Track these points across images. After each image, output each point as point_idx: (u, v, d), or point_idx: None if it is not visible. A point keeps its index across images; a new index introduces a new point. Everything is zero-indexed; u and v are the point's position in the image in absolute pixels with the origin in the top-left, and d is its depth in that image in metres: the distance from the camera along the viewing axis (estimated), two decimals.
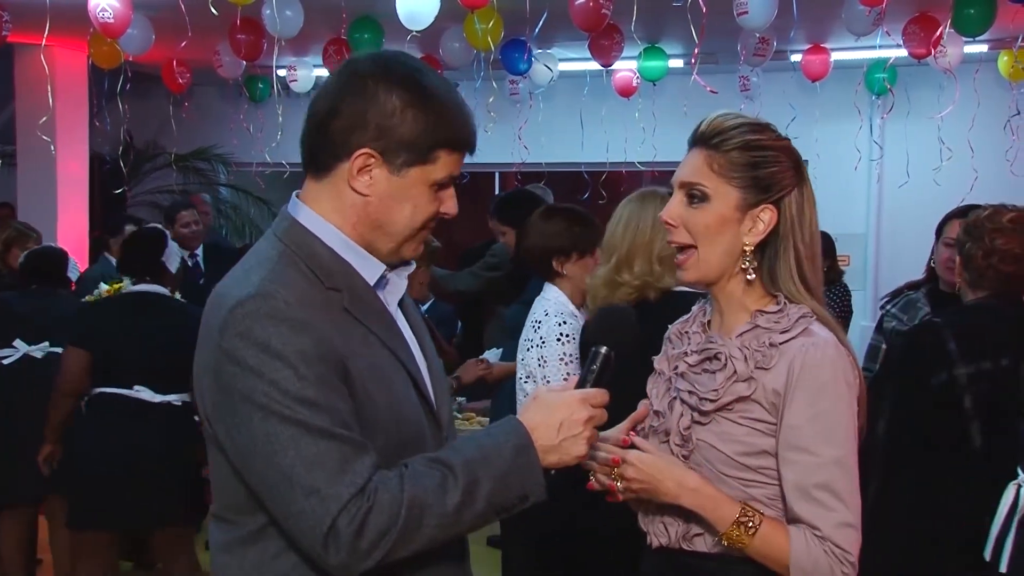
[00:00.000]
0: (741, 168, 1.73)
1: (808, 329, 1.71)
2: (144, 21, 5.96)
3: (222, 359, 1.48)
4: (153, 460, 3.85)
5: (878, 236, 7.93)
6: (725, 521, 1.67)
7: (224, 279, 1.61)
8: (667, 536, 1.78)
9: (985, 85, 6.49)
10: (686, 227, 1.76)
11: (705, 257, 1.76)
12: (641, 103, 7.10)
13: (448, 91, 1.62)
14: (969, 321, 2.79)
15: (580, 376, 1.69)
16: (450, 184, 1.65)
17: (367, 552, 1.43)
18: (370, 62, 1.60)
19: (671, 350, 1.88)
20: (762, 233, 1.74)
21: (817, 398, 1.66)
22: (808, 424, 1.65)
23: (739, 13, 5.15)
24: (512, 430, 1.56)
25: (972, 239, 2.81)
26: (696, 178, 1.75)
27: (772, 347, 1.70)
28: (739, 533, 1.66)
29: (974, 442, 2.65)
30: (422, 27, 5.30)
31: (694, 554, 1.75)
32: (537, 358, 3.18)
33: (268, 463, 1.45)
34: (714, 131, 1.76)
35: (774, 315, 1.73)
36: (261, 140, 7.01)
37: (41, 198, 7.53)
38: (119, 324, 4.00)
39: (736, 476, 1.71)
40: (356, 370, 1.52)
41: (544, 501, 1.56)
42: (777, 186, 1.74)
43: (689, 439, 1.74)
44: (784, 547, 1.64)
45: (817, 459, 1.65)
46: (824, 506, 1.64)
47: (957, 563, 2.67)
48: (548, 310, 3.25)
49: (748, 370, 1.70)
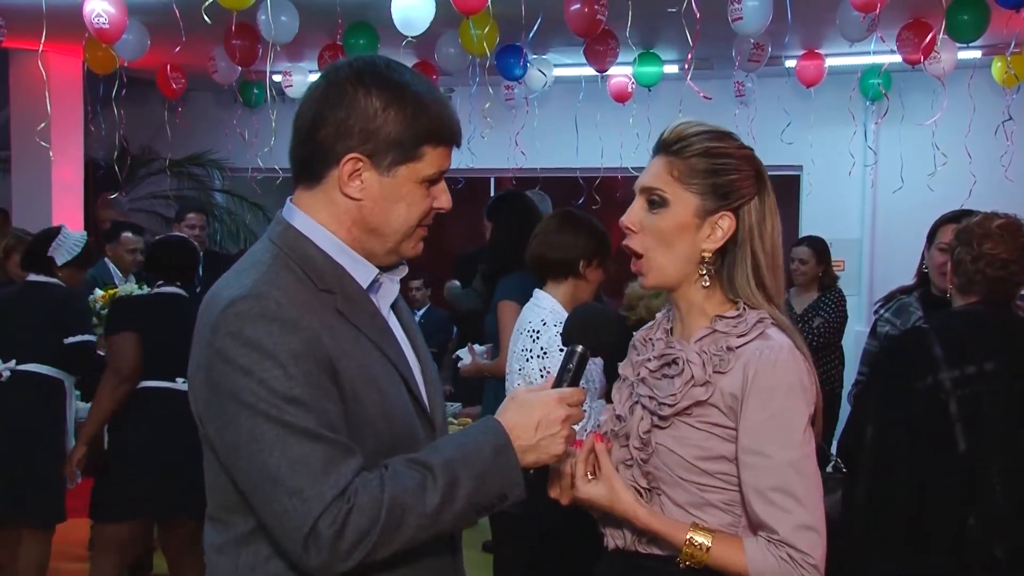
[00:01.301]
0: (700, 174, 1.75)
1: (764, 333, 1.72)
2: (139, 27, 5.97)
3: (214, 358, 1.49)
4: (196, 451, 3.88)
5: (873, 241, 7.95)
6: (678, 542, 1.69)
7: (219, 280, 1.62)
8: (623, 538, 1.80)
9: (980, 91, 6.51)
10: (644, 232, 1.77)
11: (662, 262, 1.77)
12: (636, 109, 7.12)
13: (426, 87, 1.63)
14: (955, 326, 2.81)
15: (556, 375, 1.71)
16: (440, 179, 1.66)
17: (347, 553, 1.44)
18: (346, 68, 1.62)
19: (635, 356, 1.90)
20: (720, 240, 1.76)
21: (770, 401, 1.67)
22: (762, 427, 1.67)
23: (734, 19, 5.16)
24: (491, 430, 1.58)
25: (961, 244, 2.85)
26: (655, 183, 1.76)
27: (729, 351, 1.71)
28: (696, 550, 1.68)
29: (959, 446, 2.66)
30: (417, 32, 5.31)
31: (650, 556, 1.76)
32: (539, 369, 3.18)
33: (253, 462, 1.46)
34: (676, 138, 1.77)
35: (732, 320, 1.75)
36: (256, 145, 7.01)
37: (36, 203, 7.52)
38: (159, 317, 4.10)
39: (693, 481, 1.72)
40: (346, 371, 1.53)
41: (537, 503, 1.57)
42: (736, 194, 1.75)
43: (648, 443, 1.75)
44: (740, 559, 1.66)
45: (771, 461, 1.66)
46: (781, 508, 1.65)
47: (943, 565, 2.68)
48: (546, 319, 3.24)
49: (705, 375, 1.71)
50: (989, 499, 2.65)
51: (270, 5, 5.32)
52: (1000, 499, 2.64)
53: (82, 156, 7.86)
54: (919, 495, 2.70)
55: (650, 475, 1.75)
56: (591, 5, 5.21)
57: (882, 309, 3.87)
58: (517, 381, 3.28)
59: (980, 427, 2.66)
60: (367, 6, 5.76)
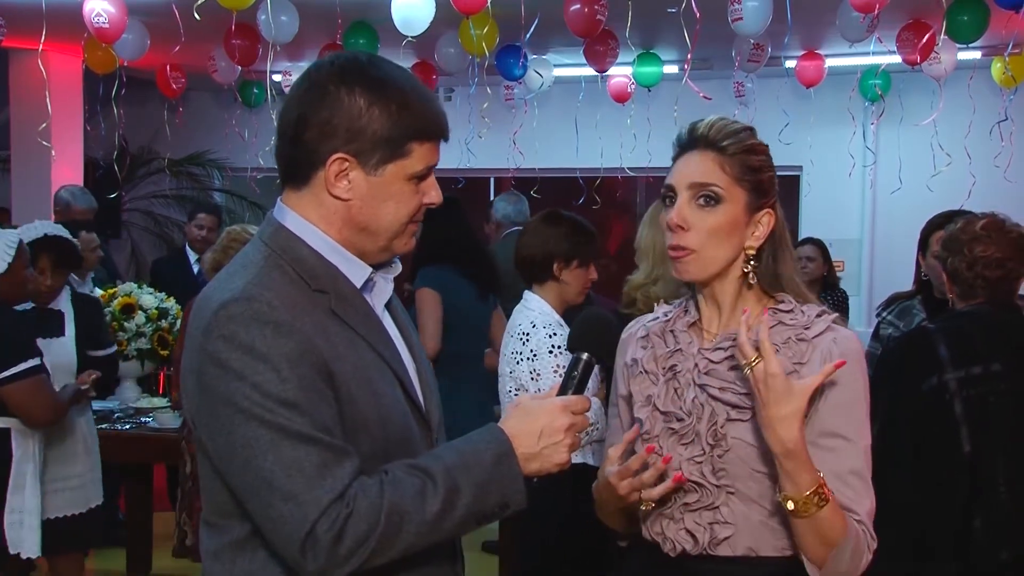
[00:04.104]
0: (750, 171, 1.75)
1: (831, 326, 1.75)
2: (139, 26, 5.97)
3: (206, 362, 1.47)
4: None
5: (872, 241, 7.95)
6: (804, 487, 1.62)
7: (211, 282, 1.61)
8: (692, 541, 1.74)
9: (979, 92, 6.51)
10: (695, 229, 1.74)
11: (709, 258, 1.75)
12: (636, 109, 7.11)
13: (410, 83, 1.61)
14: (960, 326, 2.80)
15: (561, 383, 1.69)
16: (429, 174, 1.63)
17: (345, 558, 1.42)
18: (328, 67, 1.59)
19: (657, 349, 1.85)
20: (763, 237, 1.76)
21: (849, 388, 1.70)
22: (844, 412, 1.69)
23: (734, 19, 5.16)
24: (493, 438, 1.56)
25: (952, 253, 2.83)
26: (710, 179, 1.74)
27: (802, 342, 1.72)
28: (812, 503, 1.62)
29: (964, 447, 2.65)
30: (417, 33, 5.31)
31: (717, 559, 1.73)
32: (529, 371, 3.18)
33: (247, 467, 1.44)
34: (719, 134, 1.76)
35: (790, 314, 1.76)
36: (255, 145, 7.01)
37: (36, 203, 7.50)
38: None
39: (768, 472, 1.69)
40: (341, 373, 1.51)
41: (544, 510, 1.56)
42: (772, 191, 1.78)
43: (724, 438, 1.72)
44: (843, 526, 1.64)
45: (853, 446, 1.69)
46: (858, 492, 1.69)
47: (948, 569, 2.67)
48: (535, 322, 3.24)
49: (789, 365, 1.70)
50: (994, 501, 2.64)
51: (270, 5, 5.31)
52: (1005, 502, 2.63)
53: (82, 156, 7.86)
54: (923, 497, 2.70)
55: (723, 471, 1.72)
56: (591, 5, 5.22)
57: (884, 312, 3.86)
58: (508, 384, 3.28)
59: (985, 428, 2.65)
60: (367, 6, 5.76)
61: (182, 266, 6.08)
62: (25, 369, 3.40)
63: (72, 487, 3.85)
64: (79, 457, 3.89)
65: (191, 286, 5.04)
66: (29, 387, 3.41)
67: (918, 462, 2.71)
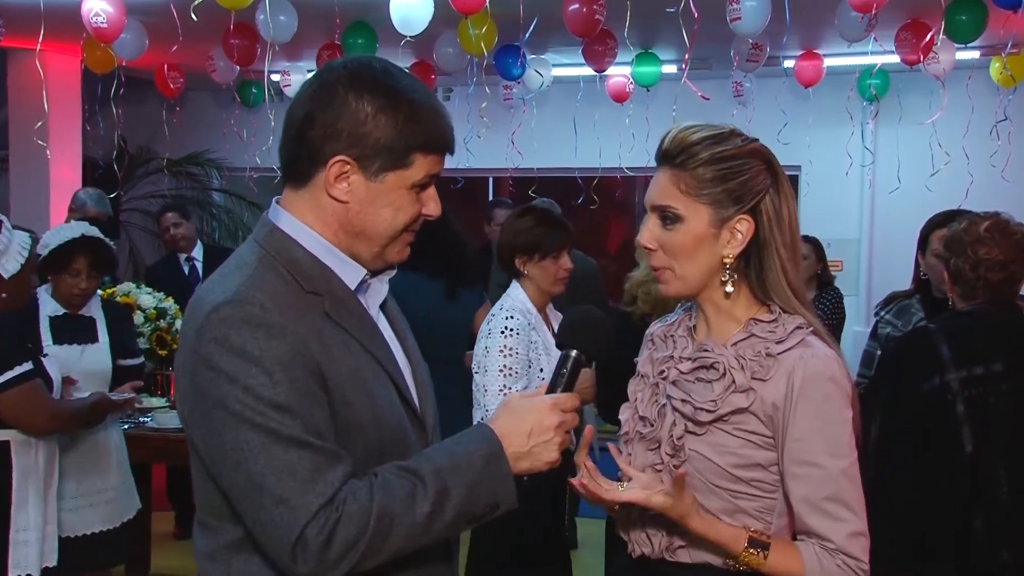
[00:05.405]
0: (709, 184, 1.70)
1: (805, 340, 1.69)
2: (138, 26, 5.96)
3: (198, 364, 1.47)
4: None
5: (871, 241, 7.96)
6: (736, 547, 1.65)
7: (204, 283, 1.60)
8: (650, 546, 1.76)
9: (978, 91, 6.52)
10: (663, 249, 1.73)
11: (684, 274, 1.73)
12: (634, 109, 7.11)
13: (422, 94, 1.60)
14: (962, 326, 2.78)
15: (550, 381, 1.67)
16: (431, 184, 1.63)
17: (335, 562, 1.42)
18: (340, 69, 1.58)
19: (656, 353, 1.85)
20: (741, 243, 1.71)
21: (821, 411, 1.64)
22: (813, 437, 1.64)
23: (732, 19, 5.16)
24: (483, 438, 1.55)
25: (955, 254, 2.81)
26: (665, 200, 1.72)
27: (769, 357, 1.68)
28: (753, 555, 1.65)
29: (965, 448, 2.65)
30: (416, 32, 5.30)
31: (676, 564, 1.74)
32: (484, 347, 3.33)
33: (239, 470, 1.44)
34: (678, 148, 1.71)
35: (768, 324, 1.72)
36: (254, 145, 7.01)
37: (34, 203, 7.52)
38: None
39: (727, 488, 1.69)
40: (335, 376, 1.50)
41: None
42: (750, 193, 1.70)
43: (682, 449, 1.71)
44: (797, 566, 1.64)
45: (825, 472, 1.64)
46: (835, 518, 1.64)
47: (948, 569, 2.67)
48: (504, 304, 3.39)
49: (747, 381, 1.67)
50: (995, 502, 2.63)
51: (268, 5, 5.31)
52: (1006, 502, 2.63)
53: (80, 155, 7.85)
54: (924, 497, 2.69)
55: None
56: (589, 5, 5.21)
57: (882, 311, 3.86)
58: (474, 362, 3.41)
59: (987, 429, 2.64)
60: (365, 6, 5.76)
61: (174, 269, 6.09)
62: (16, 376, 3.13)
63: (108, 500, 3.74)
64: (112, 470, 3.78)
65: (187, 287, 5.07)
66: (21, 395, 3.14)
67: (918, 462, 2.70)
